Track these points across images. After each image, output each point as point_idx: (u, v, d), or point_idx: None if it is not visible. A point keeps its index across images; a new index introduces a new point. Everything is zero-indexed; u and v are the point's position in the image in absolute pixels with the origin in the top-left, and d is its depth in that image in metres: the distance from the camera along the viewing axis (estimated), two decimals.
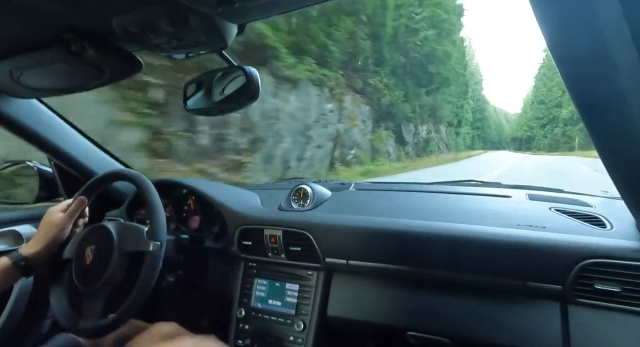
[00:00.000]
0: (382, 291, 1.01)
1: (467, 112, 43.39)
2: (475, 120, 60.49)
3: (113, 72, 0.82)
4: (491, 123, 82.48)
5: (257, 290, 1.15)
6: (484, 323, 0.88)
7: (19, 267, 0.84)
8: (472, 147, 51.23)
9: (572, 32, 0.43)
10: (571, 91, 0.49)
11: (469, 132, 52.40)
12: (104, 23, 0.62)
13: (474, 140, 57.17)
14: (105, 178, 0.98)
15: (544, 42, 0.45)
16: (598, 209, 0.96)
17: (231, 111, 0.90)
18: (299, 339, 1.05)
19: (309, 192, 1.18)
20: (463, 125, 40.70)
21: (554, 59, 0.46)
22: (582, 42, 0.43)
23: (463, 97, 35.96)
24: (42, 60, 0.76)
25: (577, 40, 0.43)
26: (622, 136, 0.53)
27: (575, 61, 0.46)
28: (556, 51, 0.45)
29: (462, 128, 41.10)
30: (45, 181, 1.26)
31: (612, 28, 0.40)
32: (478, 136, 67.11)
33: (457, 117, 35.10)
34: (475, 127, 64.21)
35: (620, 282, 0.74)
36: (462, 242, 0.88)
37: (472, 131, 56.20)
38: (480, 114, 70.26)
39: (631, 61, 0.42)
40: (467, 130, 48.54)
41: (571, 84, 0.48)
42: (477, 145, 64.44)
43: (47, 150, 1.17)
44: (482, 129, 72.54)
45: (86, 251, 0.87)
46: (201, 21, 0.61)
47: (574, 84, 0.49)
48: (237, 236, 1.16)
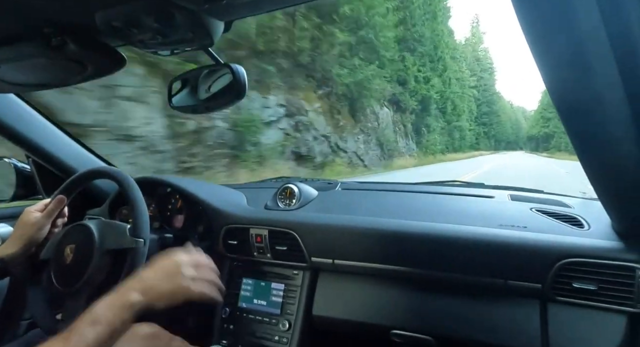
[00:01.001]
0: (368, 290, 1.01)
1: (463, 101, 36.92)
2: (480, 115, 52.16)
3: (95, 67, 0.80)
4: (505, 120, 69.44)
5: (242, 289, 1.14)
6: (467, 321, 0.90)
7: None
8: (477, 147, 44.04)
9: (552, 36, 0.44)
10: (551, 95, 0.50)
11: (471, 128, 44.27)
12: (86, 17, 0.61)
13: (479, 138, 48.55)
14: (85, 176, 0.96)
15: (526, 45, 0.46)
16: (576, 209, 0.99)
17: (217, 109, 0.89)
18: (284, 339, 1.05)
19: (296, 191, 1.18)
20: (460, 118, 34.54)
21: (536, 62, 0.47)
22: (561, 47, 0.44)
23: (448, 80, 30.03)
24: (20, 54, 0.73)
25: (557, 44, 0.44)
26: (599, 140, 0.54)
27: (554, 65, 0.47)
28: (537, 55, 0.46)
29: (459, 122, 34.66)
30: (23, 179, 1.21)
31: (590, 33, 0.42)
32: (485, 134, 57.80)
33: (446, 106, 29.26)
34: (481, 123, 55.15)
35: (597, 280, 0.76)
36: (446, 241, 0.89)
37: (477, 127, 48.45)
38: (488, 107, 58.68)
39: (607, 67, 0.43)
40: (466, 126, 39.86)
41: (551, 87, 0.50)
42: (484, 144, 55.43)
43: (25, 146, 1.14)
44: (490, 125, 61.59)
45: (66, 250, 0.85)
46: (187, 17, 0.60)
47: (553, 88, 0.50)
48: (222, 235, 1.15)
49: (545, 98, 51.85)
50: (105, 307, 0.64)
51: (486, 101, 57.61)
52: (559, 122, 0.54)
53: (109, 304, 0.64)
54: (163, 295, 0.69)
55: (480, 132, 54.49)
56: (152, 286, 0.68)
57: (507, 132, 74.63)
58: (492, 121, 61.78)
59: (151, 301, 0.68)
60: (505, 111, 70.60)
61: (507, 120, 73.06)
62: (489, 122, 61.00)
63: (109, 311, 0.63)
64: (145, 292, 0.67)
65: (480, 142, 47.29)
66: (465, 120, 40.12)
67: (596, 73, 0.45)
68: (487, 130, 60.99)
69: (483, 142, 51.43)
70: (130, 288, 0.67)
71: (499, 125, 66.32)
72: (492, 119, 61.28)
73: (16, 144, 1.11)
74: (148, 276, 0.70)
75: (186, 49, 0.74)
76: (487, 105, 58.62)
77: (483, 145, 48.70)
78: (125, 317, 0.64)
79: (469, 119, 42.63)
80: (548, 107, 52.60)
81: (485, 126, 59.89)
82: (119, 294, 0.66)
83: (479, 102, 50.76)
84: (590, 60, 0.44)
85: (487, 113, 59.11)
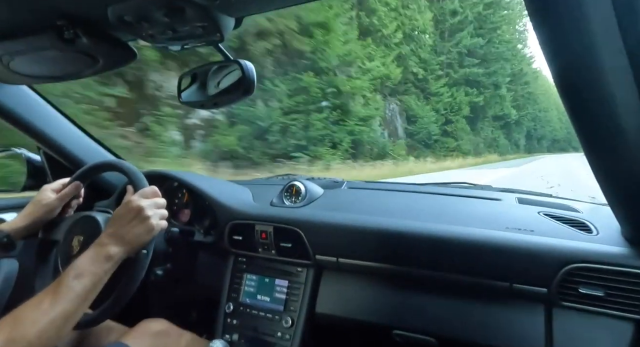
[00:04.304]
0: (371, 289, 1.01)
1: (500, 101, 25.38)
2: (522, 116, 30.75)
3: (106, 61, 0.81)
4: (549, 106, 40.86)
5: (246, 285, 1.15)
6: (470, 323, 0.89)
7: (1, 243, 0.84)
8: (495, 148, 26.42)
9: (565, 37, 0.43)
10: (562, 97, 0.50)
11: (519, 131, 31.69)
12: (99, 10, 0.61)
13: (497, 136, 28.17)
14: (98, 167, 0.98)
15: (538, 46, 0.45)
16: (585, 214, 0.97)
17: (226, 105, 0.90)
18: (287, 335, 1.05)
19: (301, 189, 1.18)
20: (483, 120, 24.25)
21: (547, 63, 0.47)
22: (573, 48, 0.44)
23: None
24: (33, 47, 0.74)
25: (570, 45, 0.44)
26: (611, 145, 0.53)
27: (567, 67, 0.47)
28: (549, 56, 0.46)
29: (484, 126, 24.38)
30: (34, 170, 1.23)
31: (603, 35, 0.41)
32: (529, 136, 36.22)
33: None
34: (520, 123, 31.83)
35: (604, 286, 0.75)
36: (451, 243, 0.88)
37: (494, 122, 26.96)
38: (532, 106, 34.74)
39: (620, 69, 0.43)
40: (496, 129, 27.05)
41: (563, 90, 0.49)
42: (533, 147, 38.06)
43: (36, 138, 1.15)
44: (536, 122, 38.00)
45: (74, 240, 0.87)
46: (197, 13, 0.60)
47: (565, 90, 0.49)
48: (227, 231, 1.15)
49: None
50: (87, 261, 0.69)
51: (524, 95, 32.83)
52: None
53: (89, 257, 0.70)
54: (135, 240, 0.74)
55: (523, 135, 33.59)
56: (123, 234, 0.73)
57: (553, 125, 45.85)
58: (527, 113, 33.99)
59: (127, 248, 0.73)
60: (547, 95, 40.34)
61: (552, 107, 42.07)
62: (534, 125, 36.11)
63: (91, 264, 0.69)
64: (119, 242, 0.73)
65: (500, 142, 27.97)
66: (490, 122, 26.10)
67: (609, 77, 0.44)
68: (534, 131, 37.27)
69: (505, 142, 29.46)
70: (105, 242, 0.72)
71: (538, 115, 38.69)
72: (528, 110, 33.92)
73: (27, 135, 1.13)
74: (118, 227, 0.75)
75: (196, 45, 0.74)
76: (528, 95, 33.87)
77: (503, 146, 28.55)
78: (107, 268, 0.70)
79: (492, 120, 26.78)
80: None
81: (532, 125, 36.21)
82: (97, 248, 0.71)
83: (517, 103, 30.32)
84: (603, 63, 0.43)
85: (529, 115, 34.24)
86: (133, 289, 0.79)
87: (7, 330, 0.58)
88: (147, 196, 0.79)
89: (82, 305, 0.66)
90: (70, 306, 0.63)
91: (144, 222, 0.75)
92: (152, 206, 0.78)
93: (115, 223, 0.75)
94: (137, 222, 0.75)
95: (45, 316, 0.61)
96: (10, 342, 0.57)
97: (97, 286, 0.68)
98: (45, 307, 0.62)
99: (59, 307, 0.62)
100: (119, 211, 0.77)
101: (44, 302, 0.62)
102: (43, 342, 0.59)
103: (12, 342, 0.57)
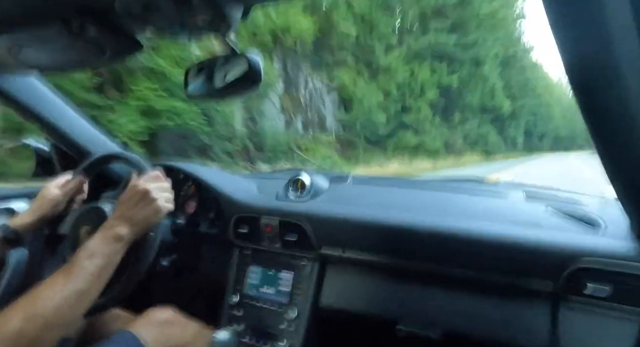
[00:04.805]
0: (376, 283, 1.01)
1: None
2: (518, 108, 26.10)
3: (113, 52, 0.81)
4: (550, 102, 36.39)
5: (250, 277, 1.16)
6: (475, 318, 0.89)
7: (8, 239, 0.86)
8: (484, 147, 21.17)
9: (581, 37, 0.43)
10: (576, 95, 0.49)
11: (516, 127, 27.09)
12: (106, 1, 0.61)
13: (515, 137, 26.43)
14: (106, 158, 0.99)
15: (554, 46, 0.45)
16: (593, 209, 0.96)
17: (232, 98, 0.89)
18: (291, 328, 1.06)
19: (307, 182, 1.18)
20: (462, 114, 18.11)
21: (562, 63, 0.46)
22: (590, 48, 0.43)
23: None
24: (41, 37, 0.74)
25: (585, 45, 0.43)
26: (619, 138, 0.53)
27: (582, 66, 0.46)
28: (564, 56, 0.45)
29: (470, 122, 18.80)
30: (42, 159, 1.25)
31: (620, 35, 0.40)
32: (528, 133, 31.65)
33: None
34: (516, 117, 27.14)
35: (612, 282, 0.75)
36: (457, 238, 0.88)
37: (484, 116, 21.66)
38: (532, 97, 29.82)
39: (636, 69, 0.42)
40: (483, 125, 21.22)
41: (577, 89, 0.48)
42: (533, 145, 33.78)
43: (44, 128, 1.16)
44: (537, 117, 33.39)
45: (81, 231, 0.88)
46: (205, 3, 0.60)
47: (579, 89, 0.49)
48: (233, 223, 1.16)
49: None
50: (99, 242, 0.71)
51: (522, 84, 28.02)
52: None
53: (101, 238, 0.72)
54: (143, 221, 0.76)
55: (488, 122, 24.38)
56: (132, 216, 0.75)
57: (555, 122, 41.24)
58: (525, 106, 28.90)
59: (135, 229, 0.75)
60: (549, 90, 37.06)
61: (554, 102, 38.41)
62: (520, 107, 27.85)
63: (103, 244, 0.71)
64: (128, 223, 0.74)
65: (490, 139, 23.14)
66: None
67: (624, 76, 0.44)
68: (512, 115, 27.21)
69: (496, 139, 24.49)
70: (114, 224, 0.74)
71: (538, 109, 34.48)
72: (526, 102, 28.84)
73: (35, 125, 1.14)
74: (126, 209, 0.76)
75: (203, 36, 0.74)
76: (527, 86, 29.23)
77: (494, 144, 23.87)
78: (117, 248, 0.72)
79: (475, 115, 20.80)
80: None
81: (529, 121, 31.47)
82: (107, 230, 0.73)
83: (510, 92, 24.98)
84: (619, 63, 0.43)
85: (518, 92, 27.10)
86: (142, 271, 0.80)
87: (24, 308, 0.60)
88: (152, 180, 0.81)
89: (95, 284, 0.67)
90: (84, 284, 0.65)
91: (151, 204, 0.77)
92: (157, 189, 0.79)
93: (123, 206, 0.77)
94: (144, 204, 0.76)
95: (60, 294, 0.62)
96: (28, 320, 0.58)
97: (108, 265, 0.70)
98: (60, 286, 0.63)
99: (72, 286, 0.64)
100: (125, 194, 0.78)
101: (58, 281, 0.64)
102: (59, 319, 0.61)
103: (29, 319, 0.58)
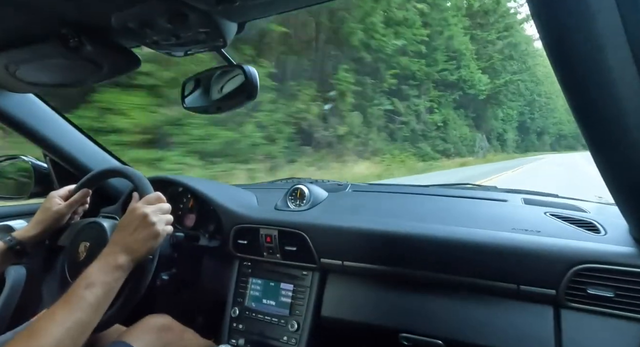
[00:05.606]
0: (377, 292, 1.01)
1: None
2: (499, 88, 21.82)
3: (110, 68, 0.82)
4: (558, 106, 34.61)
5: (251, 289, 1.15)
6: (477, 326, 0.88)
7: (13, 251, 0.85)
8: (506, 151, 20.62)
9: (568, 35, 0.43)
10: (566, 95, 0.49)
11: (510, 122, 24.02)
12: (102, 18, 0.62)
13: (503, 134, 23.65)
14: (104, 173, 0.99)
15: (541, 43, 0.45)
16: (592, 214, 0.96)
17: (229, 110, 0.90)
18: (293, 339, 1.05)
19: (306, 192, 1.18)
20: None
21: (550, 61, 0.46)
22: (577, 45, 0.43)
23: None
24: (38, 55, 0.75)
25: (573, 43, 0.44)
26: (617, 143, 0.53)
27: (570, 64, 0.46)
28: (552, 53, 0.45)
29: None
30: (41, 176, 1.25)
31: (608, 32, 0.41)
32: (523, 128, 28.74)
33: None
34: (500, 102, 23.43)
35: (613, 287, 0.74)
36: (457, 245, 0.88)
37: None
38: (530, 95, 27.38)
39: (625, 66, 0.42)
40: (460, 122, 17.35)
41: (566, 87, 0.49)
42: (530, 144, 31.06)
43: (43, 145, 1.16)
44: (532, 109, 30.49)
45: (80, 246, 0.87)
46: (200, 18, 0.61)
47: (569, 88, 0.49)
48: (232, 235, 1.16)
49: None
50: (97, 271, 0.69)
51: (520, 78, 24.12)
52: None
53: (99, 267, 0.70)
54: (142, 248, 0.74)
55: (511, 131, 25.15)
56: (130, 243, 0.74)
57: (558, 117, 38.00)
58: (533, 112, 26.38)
59: (135, 256, 0.73)
60: (552, 79, 11.64)
61: (557, 93, 32.30)
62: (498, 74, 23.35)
63: (101, 273, 0.69)
64: (127, 250, 0.73)
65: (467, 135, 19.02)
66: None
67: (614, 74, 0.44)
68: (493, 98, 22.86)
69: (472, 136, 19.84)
70: (113, 251, 0.72)
71: (536, 99, 31.10)
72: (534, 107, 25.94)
73: (34, 143, 1.14)
74: (124, 236, 0.75)
75: (200, 50, 0.75)
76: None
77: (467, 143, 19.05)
78: (117, 276, 0.70)
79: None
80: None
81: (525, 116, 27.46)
82: (106, 258, 0.71)
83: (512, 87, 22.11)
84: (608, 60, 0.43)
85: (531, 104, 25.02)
86: (139, 294, 0.80)
87: (26, 344, 0.57)
88: (152, 202, 0.80)
89: (95, 314, 0.66)
90: (84, 315, 0.63)
91: (150, 229, 0.75)
92: (156, 211, 0.78)
93: (122, 232, 0.75)
94: (143, 229, 0.75)
95: (60, 327, 0.60)
96: None
97: (108, 294, 0.68)
98: (60, 318, 0.61)
99: (73, 317, 0.62)
100: (125, 219, 0.77)
101: (57, 314, 0.62)
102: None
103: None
